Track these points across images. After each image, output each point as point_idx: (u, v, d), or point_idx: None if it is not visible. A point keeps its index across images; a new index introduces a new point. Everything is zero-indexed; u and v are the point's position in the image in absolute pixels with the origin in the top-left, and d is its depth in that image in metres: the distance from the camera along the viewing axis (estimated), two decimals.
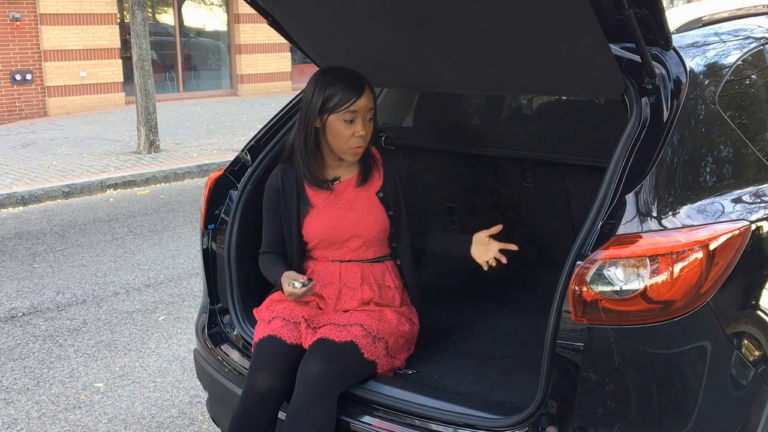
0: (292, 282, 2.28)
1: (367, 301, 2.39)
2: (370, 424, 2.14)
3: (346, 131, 2.31)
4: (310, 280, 2.30)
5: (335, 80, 2.32)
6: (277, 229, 2.48)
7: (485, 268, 2.26)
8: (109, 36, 13.44)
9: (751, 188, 2.08)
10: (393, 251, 2.48)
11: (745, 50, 2.29)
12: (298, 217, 2.43)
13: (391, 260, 2.48)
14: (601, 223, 1.87)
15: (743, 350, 1.93)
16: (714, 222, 1.90)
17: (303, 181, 2.44)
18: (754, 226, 1.95)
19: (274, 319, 2.34)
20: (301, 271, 2.45)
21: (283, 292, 2.34)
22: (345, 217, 2.40)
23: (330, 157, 2.42)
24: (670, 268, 1.79)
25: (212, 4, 16.17)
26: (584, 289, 1.82)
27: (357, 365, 2.22)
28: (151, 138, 9.51)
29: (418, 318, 2.47)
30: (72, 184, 7.98)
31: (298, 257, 2.47)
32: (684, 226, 1.87)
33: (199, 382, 2.87)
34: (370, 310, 2.36)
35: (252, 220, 2.68)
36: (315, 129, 2.35)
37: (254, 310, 2.48)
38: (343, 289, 2.40)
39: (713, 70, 2.16)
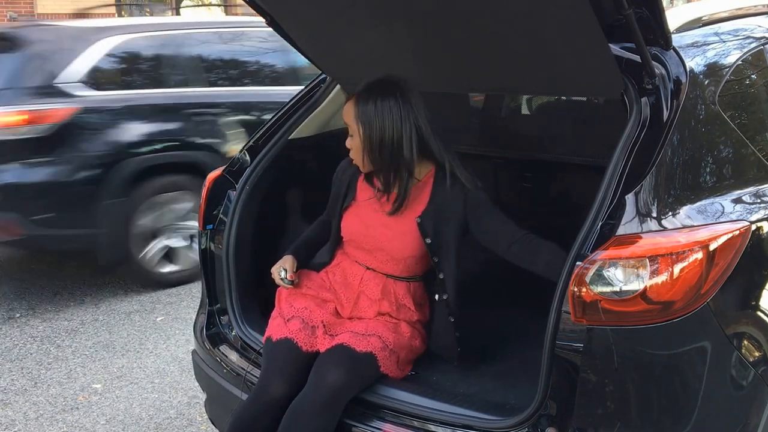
0: (281, 269, 2.37)
1: (383, 313, 2.35)
2: (369, 426, 2.13)
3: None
4: (291, 282, 2.37)
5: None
6: (331, 204, 2.52)
7: None
8: None
9: (751, 188, 2.07)
10: (439, 285, 2.32)
11: (745, 50, 2.29)
12: (342, 206, 2.43)
13: (418, 282, 2.40)
14: (600, 224, 1.87)
15: (743, 351, 1.92)
16: (714, 222, 1.90)
17: (360, 174, 2.40)
18: (754, 227, 1.95)
19: (293, 318, 2.29)
20: (332, 256, 2.47)
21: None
22: (377, 229, 2.33)
23: None
24: (670, 269, 1.78)
25: (210, 3, 16.16)
26: (584, 289, 1.81)
27: (371, 376, 2.20)
28: None
29: (426, 339, 2.42)
30: None
31: (335, 243, 2.47)
32: (684, 227, 1.87)
33: (197, 383, 2.87)
34: (385, 321, 2.32)
35: (251, 221, 2.68)
36: None
37: (277, 291, 2.43)
38: (362, 296, 2.36)
39: (713, 70, 2.16)
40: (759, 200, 2.06)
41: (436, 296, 2.39)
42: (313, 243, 2.54)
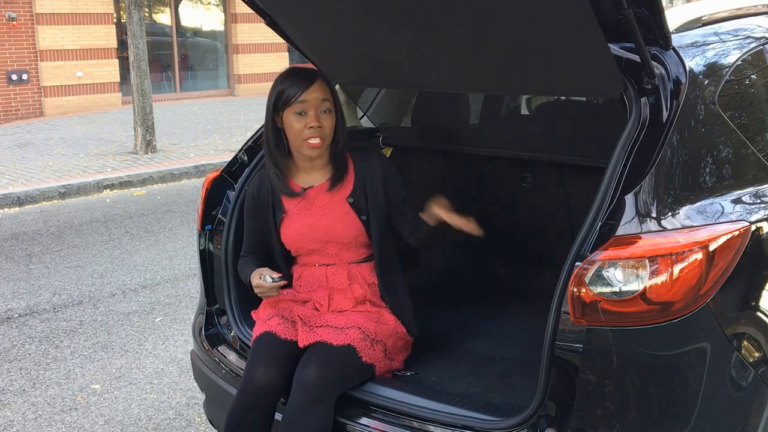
0: (264, 275, 2.28)
1: (361, 300, 2.37)
2: (367, 426, 2.13)
3: (298, 124, 2.29)
4: (281, 278, 2.29)
5: (287, 77, 2.34)
6: (255, 234, 2.49)
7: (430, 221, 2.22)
8: (106, 36, 13.42)
9: (750, 189, 2.07)
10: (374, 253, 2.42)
11: (745, 50, 2.28)
12: (275, 224, 2.43)
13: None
14: (600, 224, 1.86)
15: (743, 351, 1.92)
16: (714, 223, 1.89)
17: (278, 188, 2.42)
18: (753, 227, 1.94)
19: (272, 317, 2.34)
20: (289, 276, 2.44)
21: (252, 289, 2.34)
22: (318, 223, 2.37)
23: (300, 158, 2.38)
24: (670, 269, 1.78)
25: (209, 3, 16.15)
26: (583, 290, 1.80)
27: (355, 369, 2.21)
28: (148, 138, 9.50)
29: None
30: (68, 184, 7.96)
31: (284, 264, 2.46)
32: (683, 227, 1.86)
33: (196, 384, 2.86)
34: (367, 311, 2.35)
35: None
36: (279, 130, 2.35)
37: (252, 312, 2.47)
38: (333, 292, 2.38)
39: (713, 70, 2.15)
40: (759, 200, 2.05)
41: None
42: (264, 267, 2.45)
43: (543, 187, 3.06)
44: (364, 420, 2.15)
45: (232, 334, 2.59)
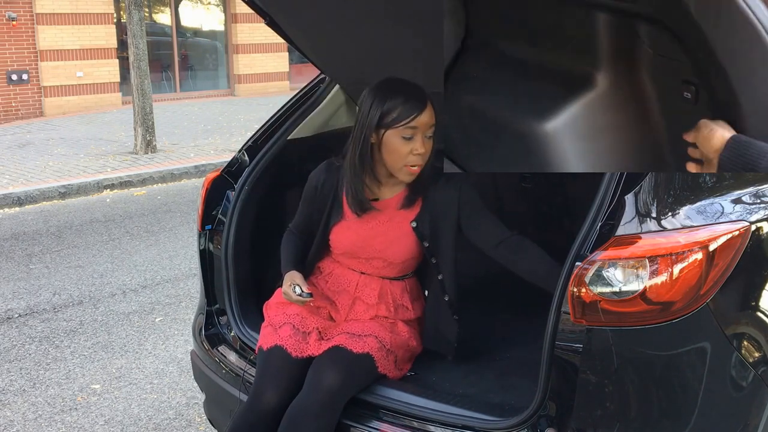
0: (294, 285, 2.25)
1: (379, 316, 2.34)
2: (368, 426, 2.13)
3: (404, 148, 2.15)
4: (310, 294, 2.24)
5: (395, 93, 2.16)
6: (306, 218, 2.44)
7: None
8: (106, 36, 13.43)
9: (751, 189, 2.07)
10: (439, 286, 2.33)
11: None
12: (327, 222, 2.35)
13: (412, 278, 2.41)
14: (600, 224, 1.86)
15: (743, 352, 1.91)
16: (714, 223, 1.89)
17: (341, 191, 2.33)
18: (754, 227, 1.94)
19: (284, 325, 2.26)
20: (312, 270, 2.42)
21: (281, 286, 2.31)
22: (374, 239, 2.30)
23: (382, 174, 2.26)
24: (670, 269, 1.78)
25: (209, 3, 16.17)
26: (583, 290, 1.80)
27: (370, 378, 2.18)
28: (148, 138, 9.50)
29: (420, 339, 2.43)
30: (68, 184, 7.97)
31: (318, 255, 2.42)
32: (683, 227, 1.86)
33: (196, 384, 2.86)
34: (381, 321, 2.31)
35: (249, 221, 2.67)
36: (370, 144, 2.20)
37: (264, 306, 2.42)
38: (357, 301, 2.34)
39: None
40: (759, 200, 2.05)
41: (426, 292, 2.42)
42: (303, 258, 2.45)
43: (543, 186, 3.06)
44: (364, 420, 2.14)
45: (232, 334, 2.59)
